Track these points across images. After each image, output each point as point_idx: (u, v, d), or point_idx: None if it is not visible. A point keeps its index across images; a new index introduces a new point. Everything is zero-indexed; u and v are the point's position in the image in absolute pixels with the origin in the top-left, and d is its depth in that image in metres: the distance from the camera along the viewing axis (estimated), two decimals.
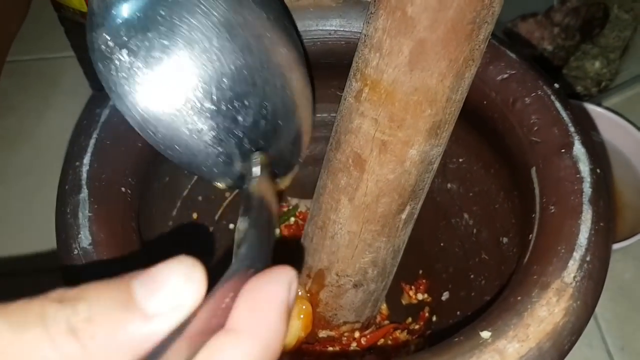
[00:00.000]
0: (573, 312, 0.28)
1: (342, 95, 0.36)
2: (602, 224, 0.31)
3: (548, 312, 0.28)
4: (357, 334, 0.45)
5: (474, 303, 0.41)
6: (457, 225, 0.45)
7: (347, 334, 0.45)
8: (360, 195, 0.36)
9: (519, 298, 0.29)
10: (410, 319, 0.47)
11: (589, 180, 0.32)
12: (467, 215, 0.44)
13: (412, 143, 0.34)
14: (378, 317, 0.48)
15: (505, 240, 0.40)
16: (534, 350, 0.27)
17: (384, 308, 0.48)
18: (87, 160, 0.33)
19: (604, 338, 0.53)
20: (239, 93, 0.30)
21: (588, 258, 0.30)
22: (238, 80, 0.30)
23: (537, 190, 0.33)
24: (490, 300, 0.36)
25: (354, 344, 0.45)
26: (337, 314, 0.44)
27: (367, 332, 0.46)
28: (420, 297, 0.48)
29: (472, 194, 0.44)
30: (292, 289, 0.20)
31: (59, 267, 0.29)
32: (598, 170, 0.33)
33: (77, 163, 0.33)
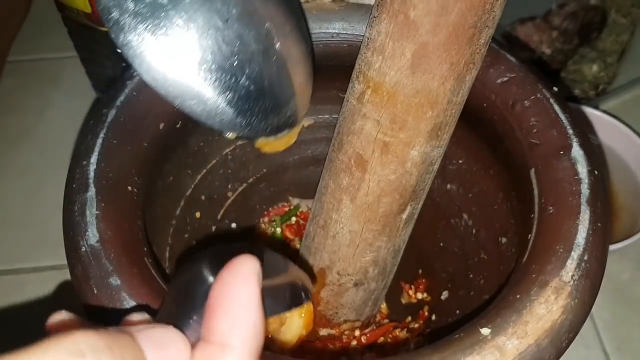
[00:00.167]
0: (571, 310, 0.29)
1: (344, 97, 0.37)
2: (599, 225, 0.31)
3: (546, 309, 0.28)
4: (357, 332, 0.45)
5: (473, 302, 0.41)
6: (456, 226, 0.46)
7: (347, 332, 0.45)
8: (362, 195, 0.37)
9: (518, 296, 0.29)
10: (410, 318, 0.48)
11: (587, 182, 0.33)
12: (466, 216, 0.45)
13: (413, 144, 0.34)
14: (378, 315, 0.48)
15: (504, 240, 0.40)
16: (533, 347, 0.28)
17: (384, 307, 0.49)
18: (94, 160, 0.33)
19: (601, 338, 0.54)
20: (243, 46, 0.33)
21: (586, 257, 0.30)
22: (241, 35, 0.33)
23: (536, 191, 0.34)
24: (489, 299, 0.36)
25: (354, 342, 0.45)
26: (337, 313, 0.44)
27: (367, 330, 0.46)
28: (420, 296, 0.48)
29: (471, 195, 0.44)
30: (258, 277, 0.21)
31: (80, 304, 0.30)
32: (596, 172, 0.33)
33: (84, 162, 0.33)
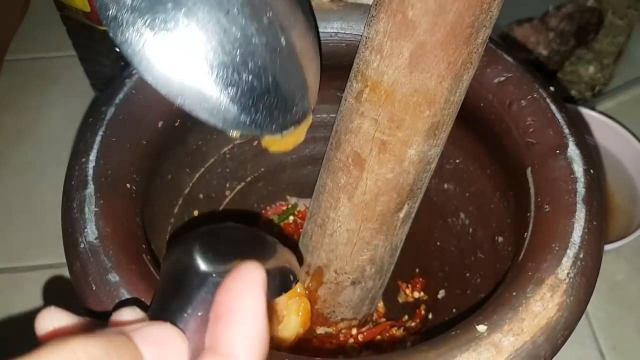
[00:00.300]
0: (566, 307, 0.29)
1: (342, 96, 0.37)
2: (595, 223, 0.32)
3: (542, 307, 0.29)
4: (354, 331, 0.46)
5: (470, 301, 0.42)
6: (453, 225, 0.46)
7: (344, 331, 0.45)
8: (360, 194, 0.37)
9: (514, 293, 0.29)
10: (407, 317, 0.48)
11: (583, 181, 0.33)
12: (463, 215, 0.45)
13: (411, 143, 0.34)
14: (375, 314, 0.48)
15: (501, 239, 0.41)
16: (529, 344, 0.28)
17: (381, 306, 0.49)
18: (93, 157, 0.33)
19: (596, 337, 0.54)
20: (248, 42, 0.32)
21: (581, 255, 0.30)
22: (245, 30, 0.32)
23: (532, 190, 0.34)
24: (486, 298, 0.36)
25: (351, 341, 0.45)
26: (335, 311, 0.44)
27: (364, 329, 0.46)
28: (417, 295, 0.49)
29: (468, 194, 0.44)
30: (264, 287, 0.21)
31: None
32: (591, 171, 0.34)
33: (83, 159, 0.33)
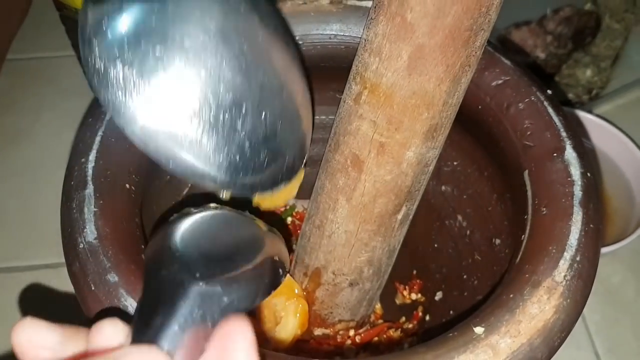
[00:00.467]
0: (563, 309, 0.29)
1: (341, 98, 0.37)
2: (591, 226, 0.32)
3: (539, 309, 0.29)
4: (351, 332, 0.46)
5: (467, 303, 0.42)
6: (450, 227, 0.46)
7: (342, 332, 0.46)
8: (358, 196, 0.37)
9: (512, 295, 0.29)
10: (404, 318, 0.48)
11: (580, 184, 0.33)
12: (460, 217, 0.45)
13: (409, 145, 0.34)
14: (372, 316, 0.48)
15: (498, 242, 0.41)
16: (525, 346, 0.28)
17: (378, 307, 0.49)
18: (92, 157, 0.34)
19: (592, 340, 0.54)
20: (237, 99, 0.30)
21: (578, 258, 0.31)
22: (234, 87, 0.30)
23: (529, 193, 0.34)
24: (483, 300, 0.36)
25: (349, 342, 0.45)
26: (332, 312, 0.44)
27: (361, 330, 0.46)
28: (414, 296, 0.49)
29: (465, 196, 0.44)
30: (253, 345, 0.22)
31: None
32: (588, 174, 0.34)
33: (82, 159, 0.33)
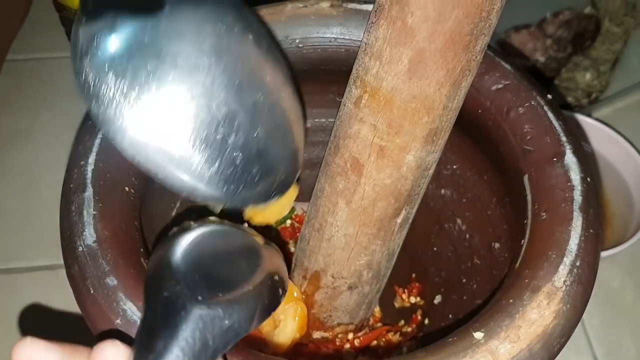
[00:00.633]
0: (563, 315, 0.29)
1: (341, 101, 0.37)
2: (591, 231, 0.32)
3: (539, 314, 0.29)
4: (350, 336, 0.46)
5: (466, 307, 0.42)
6: (450, 230, 0.46)
7: (340, 335, 0.45)
8: (358, 199, 0.37)
9: (511, 300, 0.29)
10: (403, 322, 0.48)
11: (580, 189, 0.33)
12: (460, 221, 0.45)
13: (409, 149, 0.34)
14: (371, 319, 0.48)
15: (497, 246, 0.41)
16: (525, 351, 0.28)
17: (377, 311, 0.49)
18: (92, 160, 0.33)
19: (591, 344, 0.54)
20: (229, 115, 0.30)
21: (578, 263, 0.31)
22: (227, 103, 0.30)
23: (529, 197, 0.34)
24: (482, 304, 0.36)
25: (348, 345, 0.45)
26: (331, 316, 0.44)
27: (360, 333, 0.46)
28: (413, 300, 0.49)
29: (465, 200, 0.44)
30: None
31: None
32: (588, 179, 0.34)
33: (82, 162, 0.33)
